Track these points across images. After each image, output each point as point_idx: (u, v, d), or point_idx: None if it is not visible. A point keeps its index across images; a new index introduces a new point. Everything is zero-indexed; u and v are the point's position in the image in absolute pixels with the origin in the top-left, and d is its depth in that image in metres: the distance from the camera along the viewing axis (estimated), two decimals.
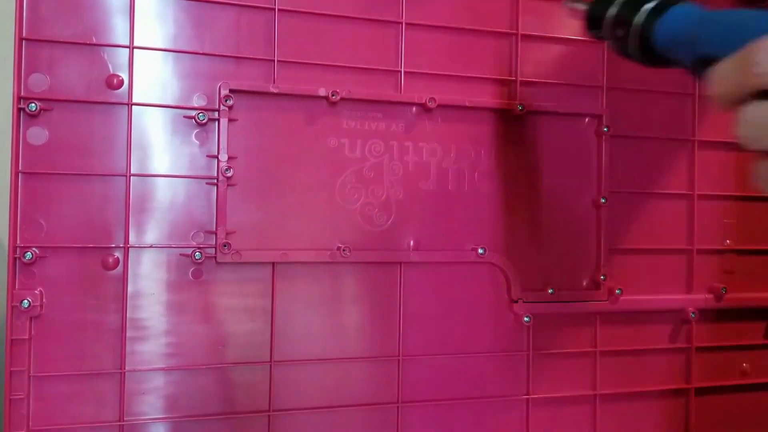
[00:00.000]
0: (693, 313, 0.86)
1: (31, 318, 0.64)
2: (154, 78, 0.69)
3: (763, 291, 0.91)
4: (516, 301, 0.80)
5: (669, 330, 0.87)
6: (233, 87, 0.70)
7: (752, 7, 0.82)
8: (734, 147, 0.88)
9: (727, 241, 0.90)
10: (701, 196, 0.87)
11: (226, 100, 0.69)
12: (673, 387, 0.87)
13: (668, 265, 0.87)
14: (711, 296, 0.87)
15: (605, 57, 0.84)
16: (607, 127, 0.82)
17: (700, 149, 0.88)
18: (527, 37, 0.81)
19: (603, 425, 0.84)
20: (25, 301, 0.63)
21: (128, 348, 0.67)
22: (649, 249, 0.86)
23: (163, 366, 0.69)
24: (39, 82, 0.65)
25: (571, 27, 0.82)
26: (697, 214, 0.87)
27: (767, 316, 0.91)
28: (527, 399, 0.81)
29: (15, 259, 0.64)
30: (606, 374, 0.84)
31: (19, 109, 0.64)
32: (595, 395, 0.83)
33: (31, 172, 0.65)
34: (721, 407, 0.89)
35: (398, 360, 0.76)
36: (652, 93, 0.86)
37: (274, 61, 0.72)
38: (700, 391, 0.88)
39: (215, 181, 0.70)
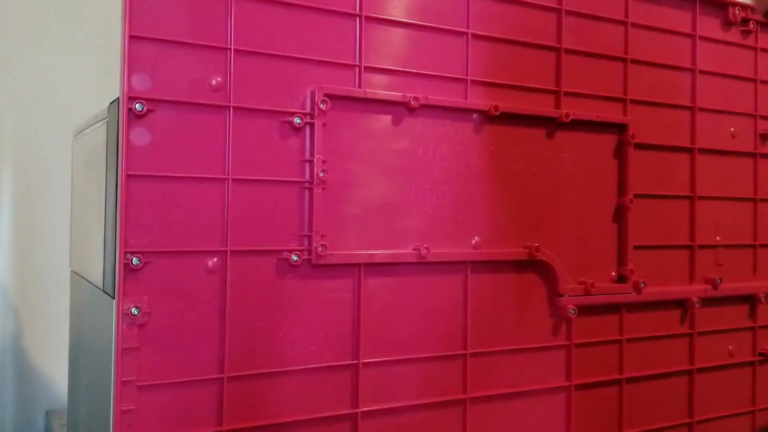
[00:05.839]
0: (698, 302, 0.96)
1: (138, 326, 0.62)
2: (250, 81, 0.68)
3: (748, 280, 1.04)
4: (562, 295, 0.86)
5: (677, 317, 0.98)
6: (328, 92, 0.70)
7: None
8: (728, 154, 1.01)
9: (718, 237, 1.02)
10: (701, 198, 0.99)
11: (321, 105, 0.70)
12: (678, 369, 0.98)
13: (674, 259, 0.98)
14: (709, 286, 0.99)
15: (627, 71, 0.92)
16: (633, 135, 0.91)
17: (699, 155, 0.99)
18: (569, 52, 0.88)
19: (628, 405, 0.93)
20: (134, 308, 0.61)
21: (229, 352, 0.67)
22: (662, 245, 0.96)
23: (264, 370, 0.68)
24: (142, 82, 0.63)
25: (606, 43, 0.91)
26: (697, 214, 0.99)
27: (748, 302, 1.05)
28: (569, 386, 0.88)
29: (124, 265, 0.61)
30: (628, 359, 0.93)
31: (129, 109, 0.61)
32: (621, 379, 0.92)
33: (135, 175, 0.62)
34: (719, 384, 1.01)
35: (465, 355, 0.80)
36: (661, 105, 0.96)
37: (359, 66, 0.74)
38: (701, 370, 1.00)
39: (310, 184, 0.70)
